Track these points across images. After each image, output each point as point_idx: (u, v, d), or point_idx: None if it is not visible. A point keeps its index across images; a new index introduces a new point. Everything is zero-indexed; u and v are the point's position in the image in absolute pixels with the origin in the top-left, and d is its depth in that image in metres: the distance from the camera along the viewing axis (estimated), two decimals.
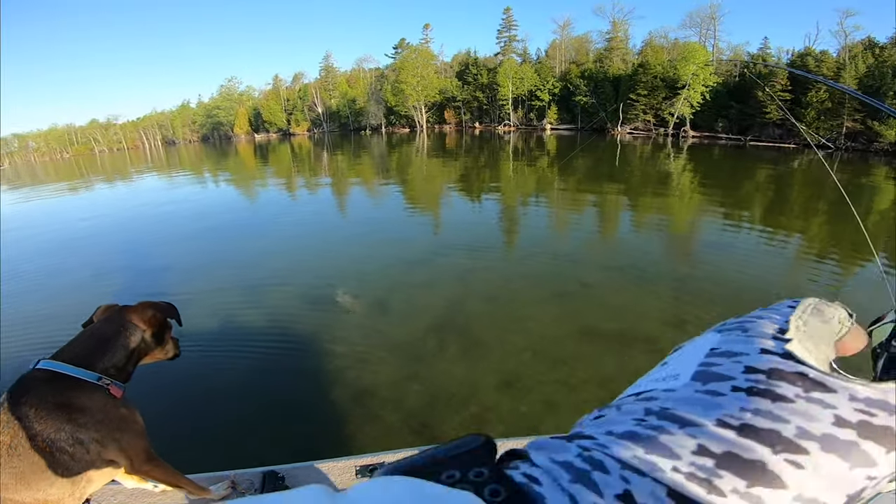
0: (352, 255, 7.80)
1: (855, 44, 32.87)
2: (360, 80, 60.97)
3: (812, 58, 32.84)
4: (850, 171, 20.54)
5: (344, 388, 4.05)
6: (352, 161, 26.24)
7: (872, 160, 25.43)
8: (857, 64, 30.73)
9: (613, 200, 12.61)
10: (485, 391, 3.88)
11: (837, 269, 7.31)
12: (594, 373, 4.11)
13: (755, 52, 38.09)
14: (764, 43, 39.04)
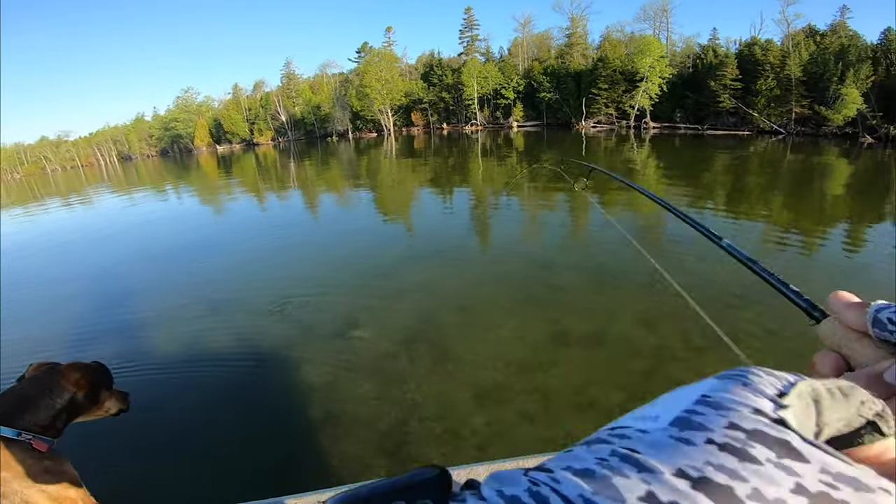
0: (318, 269, 7.58)
1: (797, 32, 34.40)
2: (324, 86, 60.14)
3: (759, 47, 34.22)
4: (803, 154, 21.51)
5: (312, 412, 3.89)
6: (320, 169, 25.77)
7: (823, 143, 26.73)
8: (800, 52, 32.20)
9: (581, 196, 12.73)
10: (459, 406, 3.78)
11: (801, 250, 7.57)
12: (568, 380, 4.06)
13: (705, 44, 39.45)
14: (713, 34, 40.52)
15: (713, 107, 34.45)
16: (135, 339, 5.54)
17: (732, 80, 33.41)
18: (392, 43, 53.27)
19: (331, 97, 56.56)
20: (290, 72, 60.70)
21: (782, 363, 1.59)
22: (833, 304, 0.39)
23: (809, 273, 6.66)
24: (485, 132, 43.53)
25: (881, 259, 7.20)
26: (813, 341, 0.37)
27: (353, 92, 52.06)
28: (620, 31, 42.90)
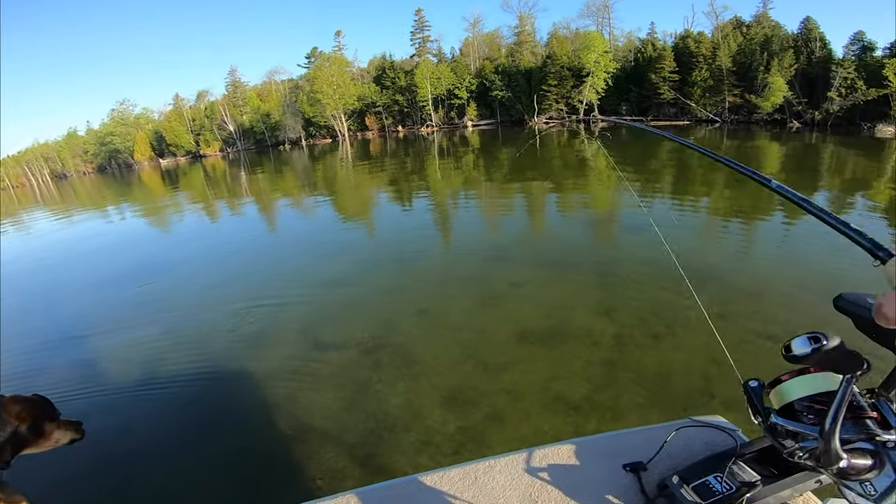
0: (275, 280, 7.32)
1: (725, 24, 36.51)
2: (273, 94, 58.34)
3: (692, 39, 36.13)
4: (738, 140, 22.90)
5: (277, 427, 3.74)
6: (273, 178, 24.95)
7: (755, 129, 28.57)
8: (729, 43, 34.22)
9: (537, 191, 12.99)
10: (428, 411, 3.73)
11: (744, 227, 8.01)
12: (536, 376, 4.08)
13: (645, 38, 41.26)
14: (651, 28, 42.45)
15: (655, 98, 36.12)
16: (87, 366, 5.23)
17: (670, 73, 35.15)
18: (342, 47, 52.46)
19: (281, 104, 54.93)
20: (236, 80, 58.51)
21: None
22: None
23: (753, 248, 7.07)
24: (440, 133, 43.65)
25: (813, 232, 7.77)
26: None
27: (303, 98, 50.79)
28: (566, 28, 44.19)
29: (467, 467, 1.60)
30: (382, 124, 50.64)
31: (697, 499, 1.31)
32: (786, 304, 5.06)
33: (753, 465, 1.41)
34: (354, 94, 49.98)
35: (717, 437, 1.63)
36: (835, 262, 5.83)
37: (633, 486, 1.47)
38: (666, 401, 3.66)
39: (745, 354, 4.16)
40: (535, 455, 1.62)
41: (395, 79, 48.26)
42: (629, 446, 1.62)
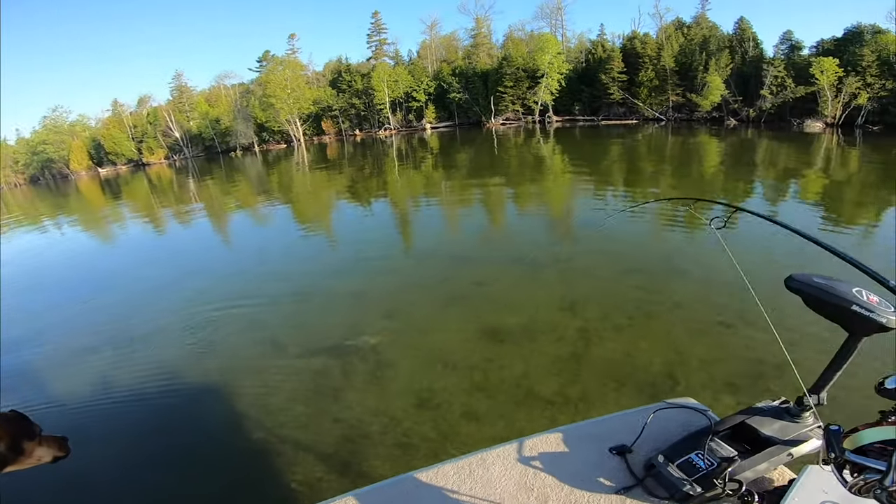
0: (235, 291, 6.99)
1: (668, 25, 38.41)
2: (223, 98, 55.96)
3: (638, 41, 37.80)
4: (682, 137, 24.13)
5: (250, 440, 3.60)
6: (225, 185, 23.86)
7: (696, 126, 30.24)
8: (671, 44, 36.03)
9: (497, 191, 13.14)
10: (403, 415, 3.70)
11: (689, 221, 8.40)
12: (507, 374, 4.11)
13: (595, 39, 42.81)
14: (601, 29, 44.14)
15: (605, 98, 37.53)
16: (43, 388, 4.85)
17: (619, 73, 36.63)
18: (296, 50, 50.96)
19: (231, 109, 52.79)
20: (182, 84, 55.68)
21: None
22: None
23: (699, 239, 7.43)
24: (399, 136, 43.43)
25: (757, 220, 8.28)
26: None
27: (255, 103, 49.04)
28: (521, 30, 45.16)
29: (461, 461, 1.63)
30: (339, 128, 49.72)
31: (683, 475, 1.41)
32: (734, 293, 5.35)
33: (729, 441, 1.50)
34: (310, 98, 48.80)
35: (691, 418, 1.73)
36: (769, 252, 6.24)
37: (620, 468, 1.54)
38: (633, 390, 3.76)
39: (700, 341, 4.34)
40: (525, 445, 1.67)
41: (352, 82, 47.54)
42: (612, 430, 1.71)
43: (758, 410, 1.60)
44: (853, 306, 1.26)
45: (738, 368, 3.87)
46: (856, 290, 1.29)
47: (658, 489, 1.44)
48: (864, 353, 1.35)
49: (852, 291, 1.28)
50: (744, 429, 1.55)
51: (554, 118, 40.02)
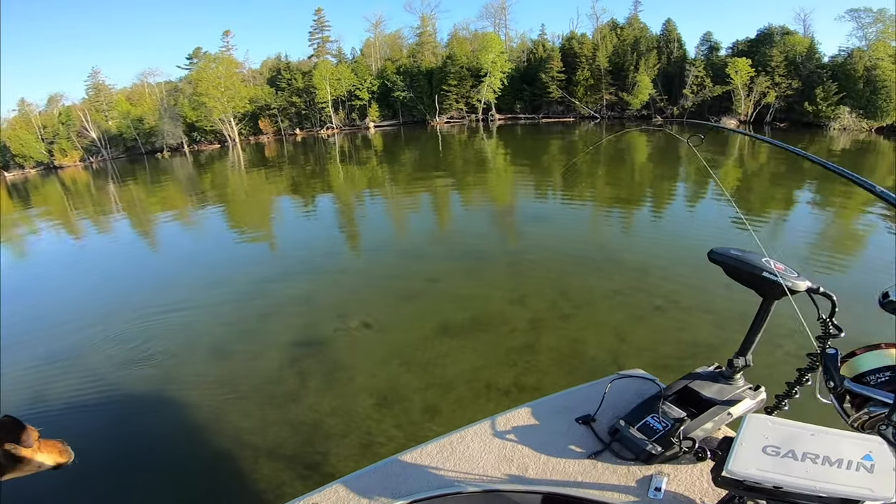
0: (168, 299, 6.45)
1: (603, 26, 40.32)
2: (147, 97, 51.77)
3: (576, 41, 39.42)
4: (614, 133, 25.45)
5: (207, 450, 3.42)
6: (151, 189, 22.06)
7: (628, 124, 32.07)
8: (606, 44, 37.90)
9: (443, 188, 13.18)
10: (363, 414, 3.65)
11: (624, 211, 8.87)
12: (463, 367, 4.15)
13: (536, 39, 44.15)
14: (542, 29, 45.57)
15: (545, 97, 38.85)
16: None
17: (558, 73, 38.05)
18: (231, 47, 48.19)
19: (156, 108, 49.02)
20: (100, 82, 50.94)
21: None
22: None
23: (632, 229, 7.89)
24: (342, 135, 42.43)
25: (684, 210, 8.91)
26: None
27: (185, 101, 45.88)
28: (466, 30, 45.56)
29: (442, 440, 1.74)
30: (278, 127, 47.68)
31: (643, 436, 1.56)
32: (666, 278, 5.72)
33: (677, 404, 1.68)
34: (246, 97, 46.35)
35: (643, 386, 1.92)
36: (689, 238, 6.73)
37: (588, 435, 1.69)
38: (585, 376, 3.89)
39: (640, 326, 4.58)
40: (499, 420, 1.81)
41: (292, 80, 45.76)
42: (576, 402, 1.87)
43: (697, 375, 1.78)
44: (763, 273, 1.41)
45: (675, 349, 4.12)
46: (765, 259, 1.45)
47: (624, 451, 1.58)
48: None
49: (762, 261, 1.44)
50: (688, 392, 1.72)
51: (497, 116, 40.85)
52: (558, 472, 1.55)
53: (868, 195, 1.15)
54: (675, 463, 1.52)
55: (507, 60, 40.22)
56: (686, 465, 1.52)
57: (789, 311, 1.26)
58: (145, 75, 54.27)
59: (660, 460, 1.52)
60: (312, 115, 46.50)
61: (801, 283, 1.40)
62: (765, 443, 0.82)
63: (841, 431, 1.01)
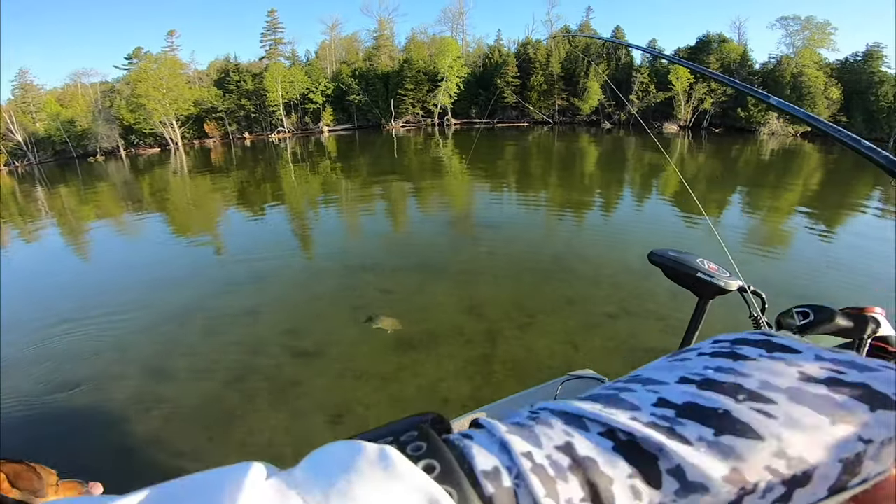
0: (99, 316, 5.86)
1: (557, 32, 41.54)
2: (79, 98, 48.15)
3: (531, 47, 40.40)
4: (566, 140, 26.29)
5: (143, 478, 3.00)
6: (84, 195, 20.36)
7: (578, 129, 33.21)
8: (559, 50, 39.09)
9: (398, 194, 13.02)
10: (316, 433, 3.45)
11: (577, 214, 9.08)
12: (421, 381, 4.02)
13: (492, 44, 44.82)
14: (498, 35, 46.40)
15: (500, 102, 39.55)
16: None
17: (513, 78, 38.84)
18: (175, 47, 45.73)
19: (90, 110, 45.67)
20: (27, 82, 46.93)
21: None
22: None
23: (584, 238, 8.09)
24: (294, 139, 41.16)
25: (632, 213, 9.25)
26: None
27: (122, 103, 43.05)
28: (424, 34, 45.46)
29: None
30: (226, 131, 45.63)
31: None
32: (618, 285, 5.88)
33: None
34: (190, 99, 44.08)
35: (592, 387, 1.93)
36: (637, 242, 6.98)
37: None
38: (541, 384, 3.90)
39: (594, 333, 4.66)
40: (455, 426, 1.75)
41: (241, 82, 43.96)
42: (528, 403, 1.87)
43: None
44: (698, 273, 1.47)
45: (629, 356, 4.20)
46: (699, 259, 1.51)
47: None
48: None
49: (696, 261, 1.50)
50: None
51: (453, 121, 41.12)
52: None
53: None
54: None
55: (464, 65, 40.58)
56: None
57: (724, 310, 1.27)
58: (78, 75, 50.59)
59: None
60: (263, 119, 44.88)
61: (733, 282, 1.46)
62: None
63: None
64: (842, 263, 6.71)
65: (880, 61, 33.54)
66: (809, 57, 34.35)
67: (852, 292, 5.50)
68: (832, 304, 0.95)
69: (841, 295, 5.35)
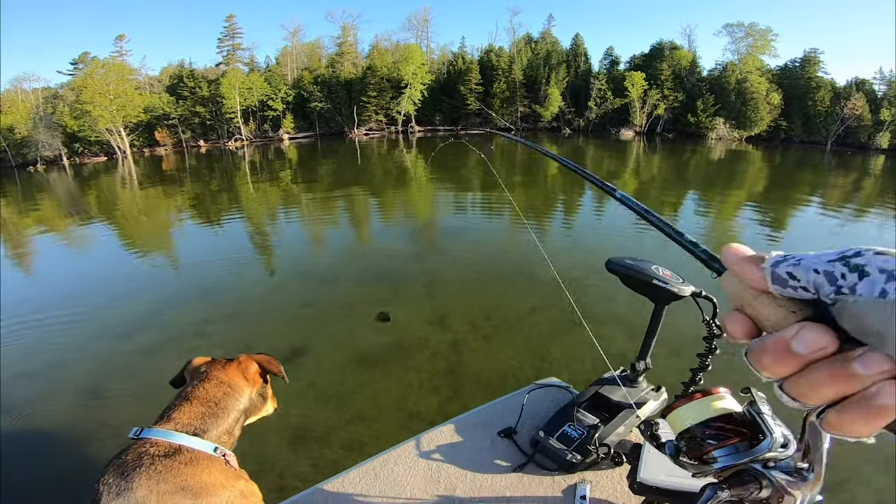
0: (32, 333, 5.41)
1: (519, 39, 42.40)
2: (20, 104, 45.08)
3: (494, 54, 40.99)
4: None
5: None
6: (22, 207, 18.87)
7: (540, 136, 33.91)
8: (522, 57, 39.86)
9: (361, 204, 12.79)
10: (275, 454, 3.24)
11: (537, 227, 9.16)
12: (385, 398, 3.87)
13: (456, 51, 45.22)
14: (462, 42, 46.81)
15: (463, 109, 39.88)
16: None
17: (476, 85, 39.28)
18: (125, 52, 43.61)
19: (30, 116, 42.77)
20: None
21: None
22: (727, 258, 0.34)
23: (550, 240, 8.16)
24: (252, 147, 39.84)
25: (593, 219, 9.43)
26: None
27: (66, 109, 40.59)
28: (388, 40, 45.37)
29: (364, 466, 1.69)
30: (179, 139, 43.74)
31: (563, 446, 1.62)
32: (580, 289, 5.92)
33: (591, 410, 1.75)
34: (140, 105, 42.06)
35: (558, 395, 2.01)
36: (597, 248, 7.10)
37: (511, 448, 1.73)
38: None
39: (558, 342, 4.65)
40: (423, 440, 1.80)
41: (196, 88, 42.27)
42: (496, 415, 1.93)
43: (605, 381, 1.88)
44: (653, 280, 1.51)
45: (593, 364, 4.20)
46: (654, 267, 1.56)
47: (547, 462, 1.64)
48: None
49: (651, 268, 1.55)
50: (599, 398, 1.81)
51: (416, 128, 41.10)
52: (486, 489, 1.56)
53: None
54: (595, 469, 1.60)
55: (428, 72, 40.67)
56: (606, 470, 1.59)
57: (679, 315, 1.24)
58: (19, 81, 47.55)
59: (581, 468, 1.59)
60: (219, 126, 43.30)
61: (686, 287, 1.51)
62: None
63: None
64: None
65: (817, 67, 36.07)
66: (752, 63, 36.52)
67: None
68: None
69: None
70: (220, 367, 1.33)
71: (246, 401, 1.29)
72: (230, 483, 1.11)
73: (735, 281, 0.33)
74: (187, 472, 1.04)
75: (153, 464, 1.02)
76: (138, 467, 1.00)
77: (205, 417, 1.18)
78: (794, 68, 36.64)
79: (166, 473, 1.01)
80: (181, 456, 1.07)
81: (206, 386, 1.26)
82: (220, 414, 1.21)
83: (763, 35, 37.11)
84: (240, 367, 1.34)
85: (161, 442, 1.07)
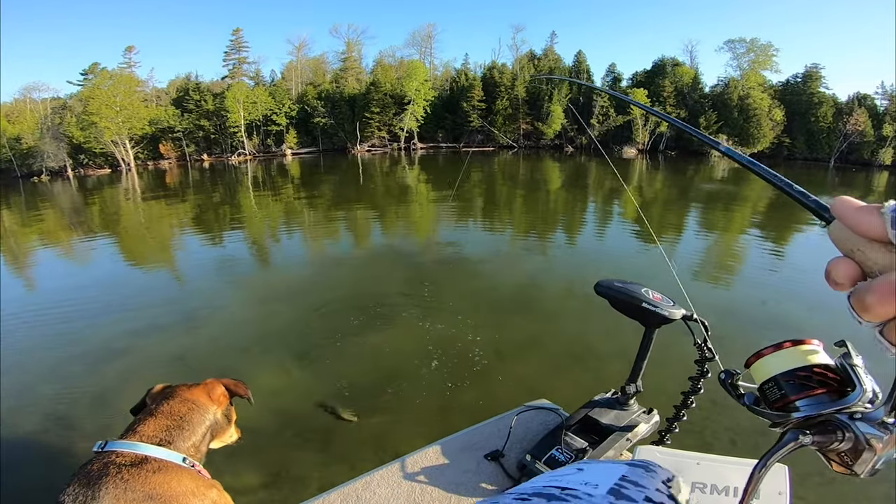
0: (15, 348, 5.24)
1: (522, 56, 42.80)
2: (28, 114, 45.73)
3: (496, 70, 41.34)
4: (531, 163, 26.78)
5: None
6: (25, 217, 18.88)
7: (542, 153, 33.95)
8: (524, 74, 40.14)
9: (362, 223, 12.70)
10: (248, 496, 3.07)
11: (539, 241, 9.00)
12: (366, 435, 3.68)
13: (459, 68, 45.69)
14: (465, 59, 47.35)
15: (466, 126, 40.10)
16: None
17: (479, 101, 39.53)
18: (133, 64, 44.33)
19: (37, 126, 43.29)
20: None
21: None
22: (840, 208, 0.36)
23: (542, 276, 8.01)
24: (255, 162, 40.03)
25: (594, 241, 9.27)
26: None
27: (73, 120, 41.05)
28: (392, 56, 45.91)
29: (345, 488, 1.66)
30: (183, 152, 44.08)
31: (550, 471, 1.47)
32: (578, 324, 5.73)
33: (580, 434, 1.70)
34: (145, 117, 42.52)
35: (547, 417, 1.97)
36: (597, 272, 6.93)
37: (497, 472, 1.68)
38: None
39: (558, 377, 4.46)
40: (407, 462, 1.77)
41: (201, 101, 42.75)
42: (483, 437, 1.87)
43: (596, 403, 1.83)
44: (643, 303, 1.49)
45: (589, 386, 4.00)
46: (644, 290, 1.53)
47: None
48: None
49: (641, 291, 1.52)
50: (589, 421, 1.76)
51: (419, 145, 41.29)
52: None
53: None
54: None
55: (431, 88, 41.01)
56: None
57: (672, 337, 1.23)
58: (29, 90, 48.36)
59: None
60: (223, 140, 43.67)
61: (677, 311, 1.49)
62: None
63: (724, 458, 1.06)
64: (794, 283, 6.85)
65: (819, 82, 36.12)
66: (754, 79, 36.65)
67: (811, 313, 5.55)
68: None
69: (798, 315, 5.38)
70: (185, 388, 1.36)
71: (211, 417, 1.30)
72: (201, 492, 1.10)
73: (844, 228, 0.36)
74: (155, 481, 1.03)
75: (119, 472, 1.00)
76: (104, 476, 0.99)
77: (170, 429, 1.18)
78: (795, 84, 36.74)
79: (133, 482, 1.00)
80: (148, 465, 1.06)
81: (171, 402, 1.27)
82: (186, 427, 1.22)
83: (764, 50, 37.34)
84: (205, 388, 1.37)
85: (126, 453, 1.07)
